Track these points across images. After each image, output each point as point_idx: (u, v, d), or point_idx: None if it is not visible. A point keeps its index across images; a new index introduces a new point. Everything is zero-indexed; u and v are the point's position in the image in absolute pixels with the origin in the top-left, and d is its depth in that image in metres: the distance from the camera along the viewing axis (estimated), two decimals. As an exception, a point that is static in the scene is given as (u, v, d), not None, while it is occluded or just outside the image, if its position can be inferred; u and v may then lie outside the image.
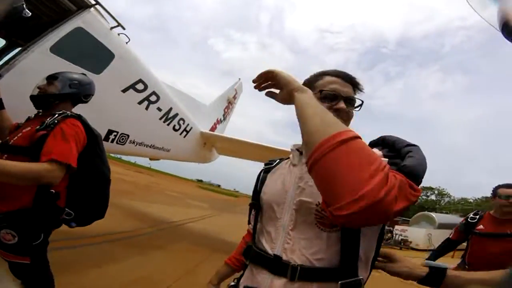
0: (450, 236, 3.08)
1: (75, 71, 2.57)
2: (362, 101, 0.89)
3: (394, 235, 16.74)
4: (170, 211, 9.75)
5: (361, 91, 0.93)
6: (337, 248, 0.71)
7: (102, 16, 2.94)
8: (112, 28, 3.02)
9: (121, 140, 3.51)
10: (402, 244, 15.89)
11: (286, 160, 0.98)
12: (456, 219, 13.73)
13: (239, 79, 8.44)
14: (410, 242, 15.95)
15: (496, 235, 2.61)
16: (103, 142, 3.51)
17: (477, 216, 2.83)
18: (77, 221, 1.54)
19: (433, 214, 18.30)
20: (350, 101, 0.88)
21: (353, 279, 0.68)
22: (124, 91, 3.30)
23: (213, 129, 7.24)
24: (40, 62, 2.37)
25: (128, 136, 3.62)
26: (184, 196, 19.37)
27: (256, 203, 0.94)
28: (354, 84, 0.92)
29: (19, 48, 2.52)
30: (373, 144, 0.87)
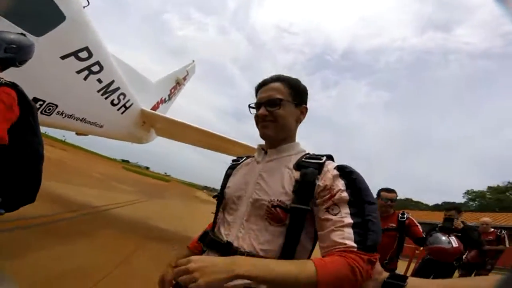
0: None
1: (5, 27, 2.09)
2: (281, 99, 0.92)
3: None
4: (93, 194, 8.70)
5: (288, 82, 0.95)
6: (280, 242, 0.79)
7: None
8: None
9: (46, 111, 2.96)
10: None
11: (252, 158, 1.05)
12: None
13: (193, 61, 8.02)
14: None
15: None
16: None
17: None
18: (5, 207, 1.29)
19: None
20: (270, 104, 0.92)
21: None
22: (63, 57, 2.84)
23: (155, 108, 6.70)
24: None
25: (56, 106, 3.07)
26: (108, 178, 17.45)
27: (220, 195, 1.01)
28: (276, 80, 0.96)
29: None
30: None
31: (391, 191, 3.12)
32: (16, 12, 2.27)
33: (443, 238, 2.75)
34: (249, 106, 0.99)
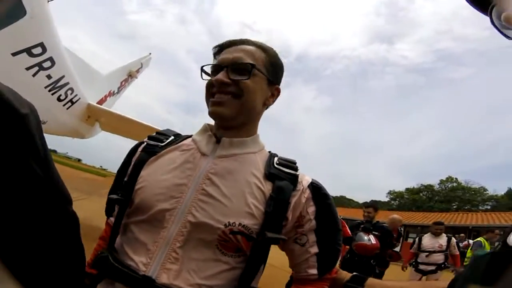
0: None
1: None
2: (253, 65, 0.65)
3: None
4: None
5: (266, 50, 0.71)
6: (236, 275, 0.59)
7: None
8: None
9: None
10: None
11: (188, 142, 0.70)
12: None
13: (150, 53, 7.80)
14: None
15: None
16: None
17: None
18: None
19: None
20: (236, 69, 0.65)
21: None
22: (14, 54, 2.70)
23: (102, 101, 6.40)
24: None
25: None
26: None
27: (124, 198, 0.64)
28: (248, 42, 0.70)
29: None
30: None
31: None
32: None
33: (365, 237, 3.42)
34: (202, 69, 0.70)
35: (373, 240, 3.40)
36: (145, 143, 0.71)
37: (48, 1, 2.85)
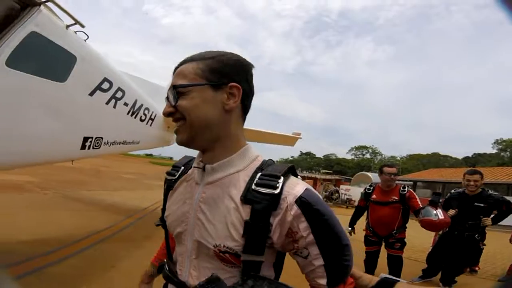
0: (359, 203, 3.91)
1: (37, 83, 2.35)
2: (179, 85, 0.66)
3: (341, 195, 17.97)
4: (136, 196, 9.57)
5: (202, 59, 0.69)
6: (236, 280, 0.66)
7: (55, 14, 2.57)
8: (68, 26, 2.67)
9: (96, 145, 3.35)
10: (347, 202, 16.98)
11: (191, 172, 0.77)
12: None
13: None
14: (354, 200, 16.58)
15: (383, 203, 3.47)
16: (80, 151, 3.35)
17: (372, 187, 3.65)
18: None
19: (370, 174, 20.46)
20: (171, 94, 0.67)
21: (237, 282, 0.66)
22: (91, 94, 3.08)
23: (173, 110, 7.05)
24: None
25: (101, 138, 3.46)
26: (141, 176, 18.68)
27: (163, 224, 0.81)
28: (187, 61, 0.69)
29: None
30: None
31: (392, 166, 3.51)
32: (38, 66, 2.47)
33: (433, 211, 3.02)
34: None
35: (440, 215, 2.98)
36: (167, 177, 0.84)
37: (85, 39, 3.03)
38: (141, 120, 4.58)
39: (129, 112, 4.07)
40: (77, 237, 4.15)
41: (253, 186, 0.65)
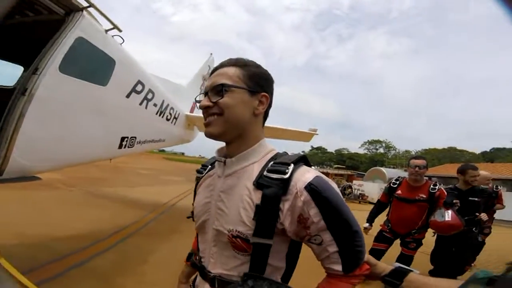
0: (379, 198, 3.50)
1: (85, 88, 2.47)
2: (224, 84, 0.74)
3: (354, 190, 17.83)
4: (154, 191, 9.84)
5: (243, 66, 0.78)
6: (247, 268, 0.72)
7: (95, 19, 2.68)
8: (107, 31, 2.80)
9: (130, 144, 3.51)
10: (360, 198, 16.89)
11: (216, 167, 0.86)
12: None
13: (211, 54, 8.27)
14: (367, 196, 16.73)
15: (408, 200, 3.10)
16: (117, 150, 3.51)
17: (398, 182, 3.27)
18: None
19: (384, 170, 20.33)
20: (213, 91, 0.75)
21: (237, 282, 0.72)
22: (128, 96, 3.25)
23: (192, 108, 7.19)
24: (55, 86, 2.23)
25: (135, 138, 3.62)
26: (157, 172, 19.11)
27: (192, 216, 0.91)
28: (228, 64, 0.78)
29: (23, 71, 2.27)
30: None
31: (420, 158, 3.14)
32: (84, 70, 2.59)
33: (440, 212, 2.87)
34: (196, 100, 0.85)
35: (447, 216, 2.79)
36: (196, 177, 0.94)
37: (121, 43, 3.15)
38: (167, 119, 4.73)
39: (157, 112, 4.23)
40: (108, 232, 4.37)
41: (265, 173, 0.71)
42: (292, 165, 0.70)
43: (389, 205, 3.36)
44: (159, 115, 4.29)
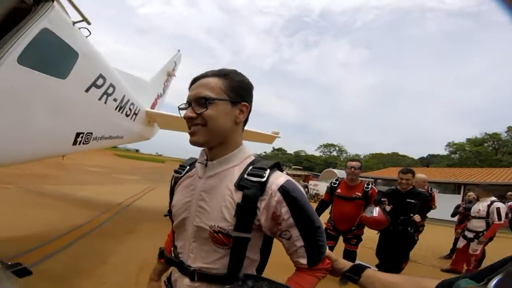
0: (323, 197, 3.84)
1: (43, 81, 2.36)
2: (208, 97, 0.78)
3: (310, 190, 18.78)
4: (107, 191, 9.25)
5: (225, 76, 0.83)
6: (226, 261, 0.80)
7: (65, 9, 2.55)
8: (75, 23, 2.68)
9: (86, 140, 3.35)
10: (315, 197, 17.60)
11: (194, 169, 0.93)
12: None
13: (179, 51, 8.10)
14: (321, 195, 17.05)
15: (347, 198, 3.47)
16: (71, 146, 3.25)
17: (337, 182, 3.65)
18: None
19: (336, 171, 21.60)
20: (197, 103, 0.80)
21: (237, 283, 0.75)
22: (87, 90, 3.08)
23: (154, 104, 7.00)
24: (10, 78, 2.08)
25: (91, 134, 3.46)
26: (109, 170, 17.79)
27: (169, 214, 0.96)
28: (210, 75, 0.83)
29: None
30: None
31: (355, 160, 3.61)
32: (45, 63, 2.42)
33: (370, 209, 3.15)
34: (179, 108, 0.86)
35: (375, 212, 3.06)
36: (174, 177, 0.99)
37: (87, 36, 3.00)
38: (127, 115, 4.57)
39: (117, 107, 4.07)
40: (57, 233, 4.07)
41: (245, 176, 0.80)
42: (268, 170, 0.80)
43: (331, 203, 3.70)
44: (119, 111, 4.13)
